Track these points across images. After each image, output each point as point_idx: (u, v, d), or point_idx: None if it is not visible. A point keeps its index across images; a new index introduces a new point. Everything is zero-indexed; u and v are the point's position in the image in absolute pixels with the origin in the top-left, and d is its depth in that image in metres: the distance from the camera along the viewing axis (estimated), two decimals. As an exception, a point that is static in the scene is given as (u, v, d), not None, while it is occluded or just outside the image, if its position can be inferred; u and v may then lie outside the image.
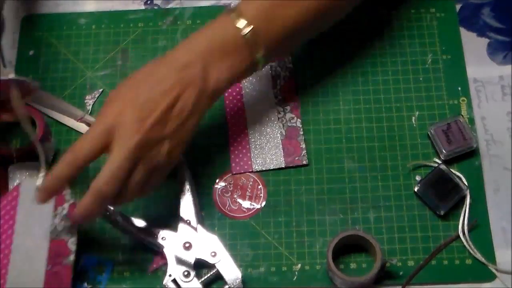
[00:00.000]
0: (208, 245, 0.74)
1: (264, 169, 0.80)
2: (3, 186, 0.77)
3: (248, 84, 0.84)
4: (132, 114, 0.65)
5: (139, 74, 0.69)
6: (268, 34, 0.70)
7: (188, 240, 0.74)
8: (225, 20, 0.70)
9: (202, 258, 0.73)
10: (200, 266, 0.74)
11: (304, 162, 0.80)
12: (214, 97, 0.71)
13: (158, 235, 0.74)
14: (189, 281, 0.72)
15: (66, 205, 0.72)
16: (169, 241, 0.74)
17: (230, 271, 0.73)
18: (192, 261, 0.73)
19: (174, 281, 0.72)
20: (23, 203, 0.72)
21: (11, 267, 0.69)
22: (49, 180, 0.66)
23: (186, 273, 0.73)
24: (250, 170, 0.80)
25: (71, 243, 0.71)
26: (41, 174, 0.73)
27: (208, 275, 0.73)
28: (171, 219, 0.75)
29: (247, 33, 0.69)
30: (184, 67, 0.68)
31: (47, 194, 0.67)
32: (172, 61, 0.69)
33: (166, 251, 0.73)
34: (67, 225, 0.71)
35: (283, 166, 0.80)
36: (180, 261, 0.73)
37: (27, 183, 0.74)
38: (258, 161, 0.80)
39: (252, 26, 0.69)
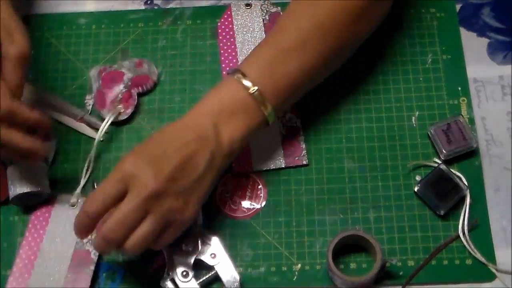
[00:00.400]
0: (208, 246, 0.74)
1: (264, 169, 0.80)
2: (3, 187, 0.77)
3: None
4: (147, 167, 0.66)
5: (158, 133, 0.71)
6: (274, 90, 0.72)
7: (188, 241, 0.74)
8: (231, 81, 0.72)
9: (202, 259, 0.73)
10: (199, 267, 0.74)
11: (304, 162, 0.80)
12: (230, 156, 0.72)
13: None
14: (187, 281, 0.72)
15: None
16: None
17: (229, 273, 0.73)
18: (191, 261, 0.73)
19: (173, 280, 0.72)
20: (55, 216, 0.77)
21: (34, 272, 0.74)
22: (77, 231, 0.70)
23: (184, 273, 0.73)
24: (250, 170, 0.80)
25: (94, 254, 0.75)
26: (77, 192, 0.78)
27: (207, 276, 0.73)
28: None
29: (254, 92, 0.71)
30: (197, 128, 0.69)
31: (80, 237, 0.71)
32: (187, 123, 0.70)
33: (165, 250, 0.73)
34: (93, 237, 0.74)
35: (283, 166, 0.80)
36: (179, 261, 0.73)
37: (63, 197, 0.79)
38: (258, 161, 0.80)
39: (257, 87, 0.71)
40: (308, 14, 0.74)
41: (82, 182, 0.79)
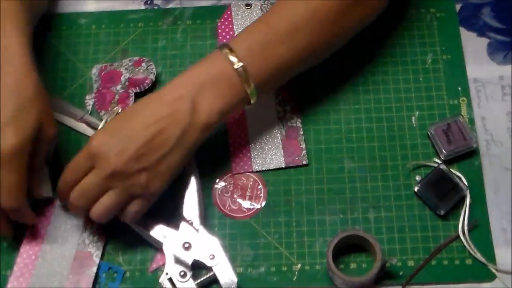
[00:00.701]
0: (207, 247, 0.74)
1: (264, 169, 0.80)
2: None
3: (248, 84, 0.84)
4: (111, 146, 0.69)
5: (132, 108, 0.73)
6: (260, 70, 0.72)
7: (188, 241, 0.74)
8: (218, 55, 0.72)
9: (200, 259, 0.73)
10: (198, 267, 0.74)
11: (304, 162, 0.80)
12: (205, 131, 0.72)
13: (159, 232, 0.74)
14: (185, 282, 0.72)
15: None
16: (169, 239, 0.74)
17: (227, 275, 0.73)
18: (190, 261, 0.73)
19: (170, 280, 0.72)
20: (56, 216, 0.77)
21: (35, 273, 0.74)
22: (58, 197, 0.75)
23: (182, 273, 0.73)
24: (250, 170, 0.80)
25: (96, 256, 0.75)
26: None
27: (205, 277, 0.73)
28: (174, 218, 0.75)
29: (239, 68, 0.71)
30: (174, 100, 0.70)
31: (62, 202, 0.76)
32: (165, 95, 0.71)
33: (165, 249, 0.73)
34: (95, 239, 0.76)
35: (283, 166, 0.80)
36: (178, 261, 0.73)
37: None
38: (258, 161, 0.80)
39: (242, 64, 0.71)
40: (304, 0, 0.74)
41: None
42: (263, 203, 0.78)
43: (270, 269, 0.75)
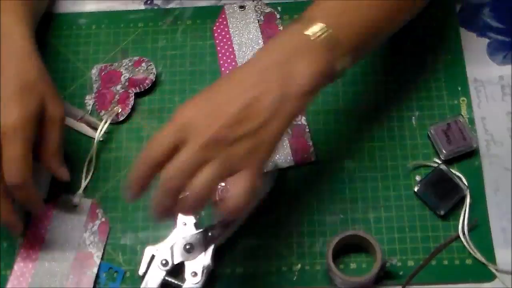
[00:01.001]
0: (199, 261, 0.73)
1: (273, 169, 0.79)
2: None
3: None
4: (205, 114, 0.63)
5: (221, 79, 0.68)
6: (347, 34, 0.67)
7: (193, 244, 0.74)
8: (296, 27, 0.67)
9: (184, 269, 0.73)
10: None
11: (313, 159, 0.80)
12: (302, 97, 0.66)
13: (181, 218, 0.74)
14: (162, 269, 0.72)
15: (97, 222, 0.77)
16: (184, 231, 0.74)
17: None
18: (177, 261, 0.73)
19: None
20: (57, 216, 0.77)
21: (35, 274, 0.74)
22: (131, 178, 0.66)
23: (164, 261, 0.73)
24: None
25: (97, 256, 0.75)
26: (79, 192, 0.77)
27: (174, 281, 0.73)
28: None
29: (322, 36, 0.66)
30: (263, 70, 0.65)
31: (134, 192, 0.66)
32: (253, 65, 0.67)
33: (175, 233, 0.74)
34: (95, 240, 0.76)
35: (293, 165, 0.80)
36: (171, 250, 0.73)
37: (64, 198, 0.78)
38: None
39: (326, 31, 0.66)
40: None
41: (84, 183, 0.79)
42: (263, 203, 0.78)
43: (270, 269, 0.75)
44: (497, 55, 0.85)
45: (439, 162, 0.78)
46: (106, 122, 0.81)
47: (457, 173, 0.77)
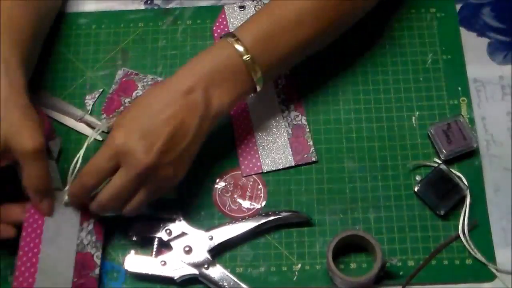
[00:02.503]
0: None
1: (274, 169, 0.80)
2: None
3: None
4: (137, 143, 0.68)
5: (143, 99, 0.72)
6: (266, 59, 0.73)
7: (191, 246, 0.74)
8: (224, 44, 0.72)
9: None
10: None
11: (313, 159, 0.80)
12: (215, 120, 0.73)
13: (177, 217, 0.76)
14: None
15: (92, 220, 0.75)
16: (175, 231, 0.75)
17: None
18: (172, 261, 0.74)
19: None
20: (49, 219, 0.74)
21: (39, 277, 0.71)
22: (71, 200, 0.74)
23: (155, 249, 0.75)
24: (260, 172, 0.80)
25: (96, 257, 0.75)
26: (66, 189, 0.74)
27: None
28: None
29: (246, 57, 0.72)
30: (186, 92, 0.70)
31: (74, 206, 0.74)
32: (175, 86, 0.71)
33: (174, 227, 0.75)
34: (93, 239, 0.75)
35: (293, 165, 0.80)
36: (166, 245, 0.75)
37: (55, 194, 0.75)
38: (267, 162, 0.80)
39: (249, 53, 0.72)
40: None
41: (70, 179, 0.75)
42: (263, 203, 0.78)
43: (270, 269, 0.75)
44: (497, 55, 0.85)
45: (439, 162, 0.78)
46: (98, 130, 0.79)
47: (457, 173, 0.77)
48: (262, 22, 0.74)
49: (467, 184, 0.77)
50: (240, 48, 0.72)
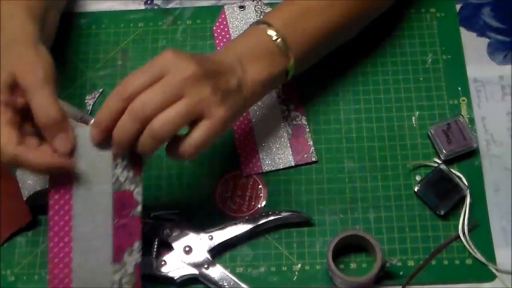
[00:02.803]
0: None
1: (274, 169, 0.80)
2: (12, 188, 0.77)
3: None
4: (188, 57, 0.64)
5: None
6: (296, 42, 0.73)
7: (191, 246, 0.74)
8: (256, 29, 0.72)
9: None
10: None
11: (314, 159, 0.80)
12: (251, 99, 0.71)
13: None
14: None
15: (125, 155, 0.66)
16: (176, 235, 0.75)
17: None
18: (168, 260, 0.74)
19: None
20: (82, 153, 0.66)
21: (76, 221, 0.65)
22: (100, 113, 0.64)
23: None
24: (260, 171, 0.80)
25: (137, 193, 0.67)
26: (92, 122, 0.67)
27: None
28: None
29: (278, 40, 0.71)
30: (225, 62, 0.68)
31: (100, 129, 0.65)
32: (225, 54, 0.70)
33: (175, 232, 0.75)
34: (130, 175, 0.66)
35: (293, 165, 0.80)
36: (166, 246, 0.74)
37: (81, 131, 0.66)
38: (267, 162, 0.80)
39: (281, 38, 0.71)
40: None
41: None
42: (263, 203, 0.78)
43: (270, 269, 0.75)
44: (497, 55, 0.85)
45: (439, 162, 0.78)
46: None
47: (457, 173, 0.77)
48: (291, 7, 0.74)
49: (467, 184, 0.77)
50: (271, 32, 0.71)
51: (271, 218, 0.75)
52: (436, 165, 0.78)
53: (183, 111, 0.63)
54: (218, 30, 0.88)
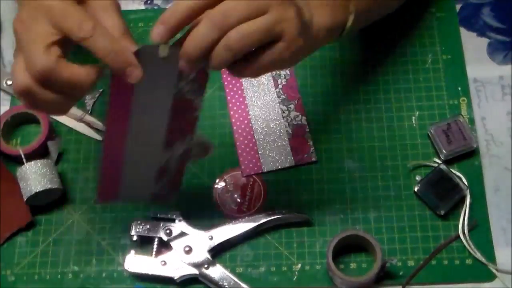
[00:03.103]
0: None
1: (274, 169, 0.80)
2: (12, 188, 0.77)
3: (250, 86, 0.84)
4: None
5: None
6: None
7: (191, 246, 0.74)
8: None
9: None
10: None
11: (313, 159, 0.80)
12: (314, 43, 0.66)
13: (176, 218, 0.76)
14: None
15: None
16: (176, 231, 0.75)
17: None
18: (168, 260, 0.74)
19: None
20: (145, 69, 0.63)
21: (132, 122, 0.64)
22: (168, 12, 0.61)
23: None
24: (260, 171, 0.80)
25: (196, 103, 0.65)
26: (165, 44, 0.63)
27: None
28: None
29: None
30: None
31: (166, 27, 0.63)
32: None
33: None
34: (194, 87, 0.64)
35: (293, 165, 0.80)
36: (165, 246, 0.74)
37: (147, 47, 0.65)
38: (267, 162, 0.80)
39: None
40: None
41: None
42: (263, 203, 0.78)
43: (270, 269, 0.75)
44: (497, 55, 0.85)
45: (439, 162, 0.78)
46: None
47: (457, 173, 0.77)
48: None
49: (467, 184, 0.77)
50: None
51: (271, 218, 0.75)
52: (436, 165, 0.78)
53: (264, 27, 0.59)
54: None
